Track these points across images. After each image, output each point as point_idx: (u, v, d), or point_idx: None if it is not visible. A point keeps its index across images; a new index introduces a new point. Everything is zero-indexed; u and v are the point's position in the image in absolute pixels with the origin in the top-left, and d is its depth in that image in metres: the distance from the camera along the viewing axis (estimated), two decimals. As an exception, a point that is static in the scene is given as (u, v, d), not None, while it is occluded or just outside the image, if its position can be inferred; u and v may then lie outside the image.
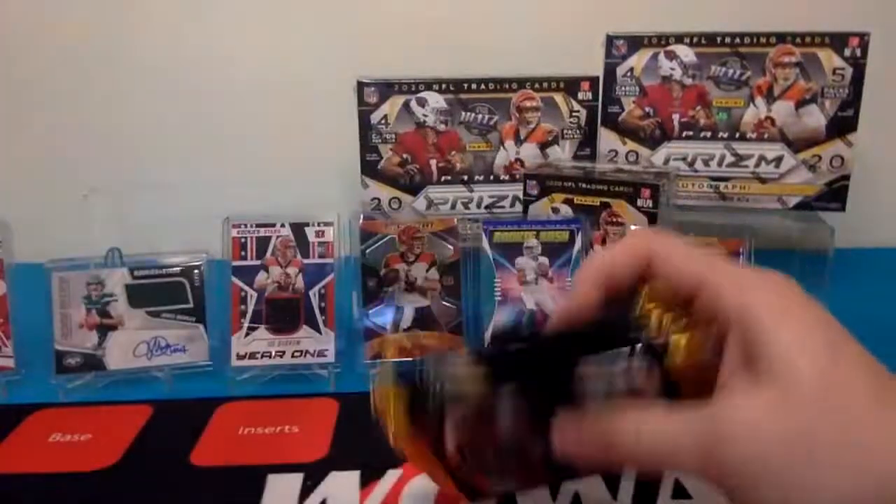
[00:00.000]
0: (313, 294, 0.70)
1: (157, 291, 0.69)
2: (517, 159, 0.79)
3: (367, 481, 0.51)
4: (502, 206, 0.80)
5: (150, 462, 0.55)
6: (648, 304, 0.38)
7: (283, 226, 0.70)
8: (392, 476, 0.51)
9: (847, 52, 0.72)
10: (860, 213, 0.79)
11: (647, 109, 0.77)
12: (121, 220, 0.84)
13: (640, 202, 0.68)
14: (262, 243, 0.70)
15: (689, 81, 0.76)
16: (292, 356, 0.67)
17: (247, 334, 0.68)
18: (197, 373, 0.67)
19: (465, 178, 0.79)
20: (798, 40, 0.73)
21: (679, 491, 0.49)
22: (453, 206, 0.79)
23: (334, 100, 0.80)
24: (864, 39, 0.72)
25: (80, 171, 0.94)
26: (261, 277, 0.70)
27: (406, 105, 0.77)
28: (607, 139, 0.79)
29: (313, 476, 0.52)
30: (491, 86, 0.77)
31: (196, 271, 0.69)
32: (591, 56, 0.78)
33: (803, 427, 0.29)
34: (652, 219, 0.67)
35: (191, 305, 0.69)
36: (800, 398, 0.30)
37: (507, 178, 0.79)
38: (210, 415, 0.61)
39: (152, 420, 0.61)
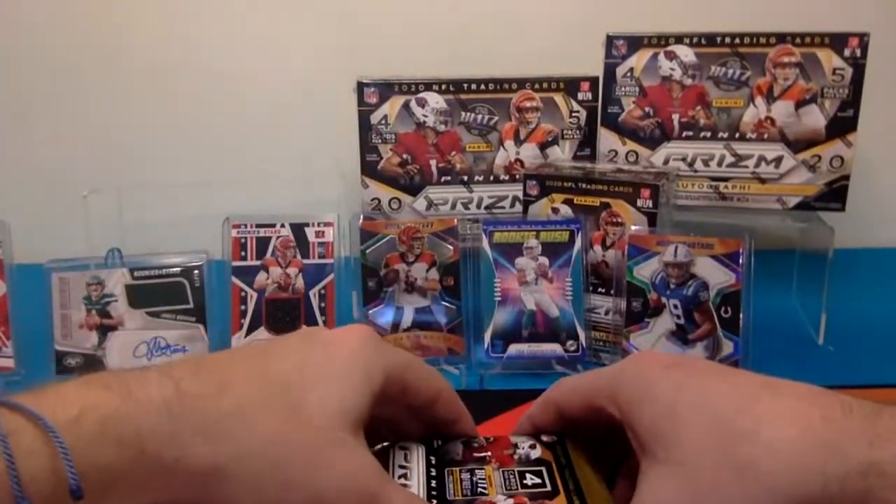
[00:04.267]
0: (313, 294, 0.70)
1: (157, 292, 0.69)
2: (517, 159, 0.79)
3: (367, 481, 0.51)
4: (502, 207, 0.80)
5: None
6: None
7: (283, 226, 0.70)
8: (392, 476, 0.51)
9: (847, 53, 0.72)
10: (860, 213, 0.79)
11: (646, 109, 0.77)
12: (121, 220, 0.84)
13: (639, 202, 0.68)
14: (262, 243, 0.70)
15: (688, 81, 0.76)
16: (292, 356, 0.67)
17: (247, 334, 0.68)
18: (197, 373, 0.67)
19: (465, 178, 0.79)
20: (798, 40, 0.73)
21: None
22: (453, 207, 0.79)
23: (334, 100, 0.80)
24: (863, 39, 0.72)
25: (80, 171, 0.94)
26: (261, 278, 0.70)
27: (406, 105, 0.77)
28: (607, 139, 0.79)
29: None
30: (491, 86, 0.77)
31: (196, 271, 0.69)
32: (591, 56, 0.78)
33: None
34: (651, 219, 0.67)
35: (191, 305, 0.69)
36: (692, 468, 0.32)
37: (506, 178, 0.79)
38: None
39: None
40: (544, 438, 0.41)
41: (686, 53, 0.75)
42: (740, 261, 0.64)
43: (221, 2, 0.94)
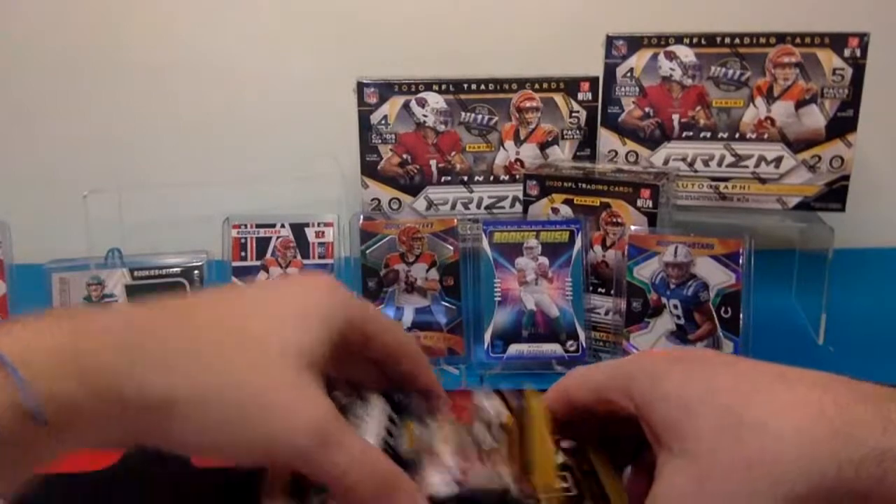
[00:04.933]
0: (313, 294, 0.70)
1: (158, 292, 0.69)
2: (517, 160, 0.79)
3: (367, 482, 0.51)
4: (502, 207, 0.80)
5: (150, 462, 0.55)
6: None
7: (283, 226, 0.70)
8: (392, 476, 0.51)
9: (847, 53, 0.72)
10: (860, 213, 0.79)
11: (646, 110, 0.77)
12: (121, 220, 0.84)
13: (639, 202, 0.68)
14: (262, 244, 0.70)
15: (688, 82, 0.76)
16: (292, 356, 0.67)
17: (247, 334, 0.68)
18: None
19: (465, 178, 0.79)
20: (798, 40, 0.73)
21: None
22: (453, 207, 0.79)
23: (334, 100, 0.80)
24: (863, 40, 0.72)
25: (80, 171, 0.94)
26: (261, 278, 0.70)
27: (406, 105, 0.77)
28: (607, 139, 0.79)
29: (313, 476, 0.52)
30: (491, 86, 0.77)
31: (196, 271, 0.69)
32: (591, 56, 0.78)
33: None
34: (651, 219, 0.67)
35: (191, 306, 0.68)
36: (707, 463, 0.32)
37: (506, 178, 0.79)
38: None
39: (152, 420, 0.61)
40: (564, 445, 0.41)
41: (686, 53, 0.75)
42: (740, 261, 0.64)
43: (221, 2, 0.94)
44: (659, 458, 0.35)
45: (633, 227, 0.67)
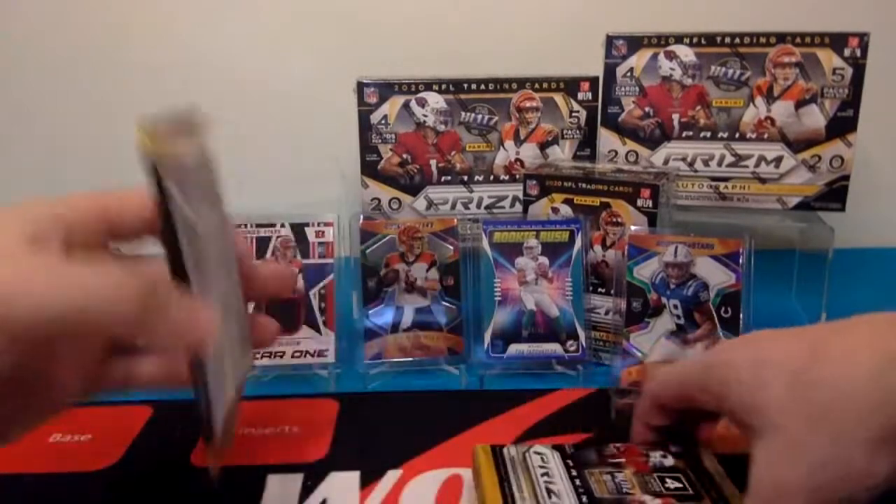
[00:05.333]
0: (313, 294, 0.70)
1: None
2: (517, 159, 0.79)
3: (367, 482, 0.51)
4: (502, 207, 0.80)
5: (150, 462, 0.55)
6: None
7: (283, 226, 0.70)
8: (392, 476, 0.51)
9: (847, 53, 0.72)
10: (860, 213, 0.79)
11: (646, 109, 0.77)
12: (121, 221, 0.84)
13: (639, 202, 0.68)
14: (262, 243, 0.70)
15: (688, 81, 0.76)
16: (292, 356, 0.68)
17: (247, 334, 0.68)
18: (197, 373, 0.67)
19: (465, 178, 0.79)
20: (798, 40, 0.73)
21: None
22: (453, 207, 0.79)
23: (334, 100, 0.80)
24: (863, 39, 0.72)
25: (80, 171, 0.94)
26: (261, 277, 0.69)
27: (406, 105, 0.77)
28: (607, 139, 0.79)
29: (313, 476, 0.52)
30: (491, 86, 0.77)
31: (196, 271, 0.69)
32: (591, 56, 0.78)
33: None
34: (651, 219, 0.67)
35: (191, 305, 0.68)
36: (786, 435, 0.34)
37: (506, 178, 0.79)
38: (210, 415, 0.61)
39: (152, 420, 0.61)
40: (673, 449, 0.42)
41: (686, 53, 0.75)
42: (740, 261, 0.64)
43: (221, 2, 0.94)
44: (750, 444, 0.36)
45: (633, 227, 0.67)
